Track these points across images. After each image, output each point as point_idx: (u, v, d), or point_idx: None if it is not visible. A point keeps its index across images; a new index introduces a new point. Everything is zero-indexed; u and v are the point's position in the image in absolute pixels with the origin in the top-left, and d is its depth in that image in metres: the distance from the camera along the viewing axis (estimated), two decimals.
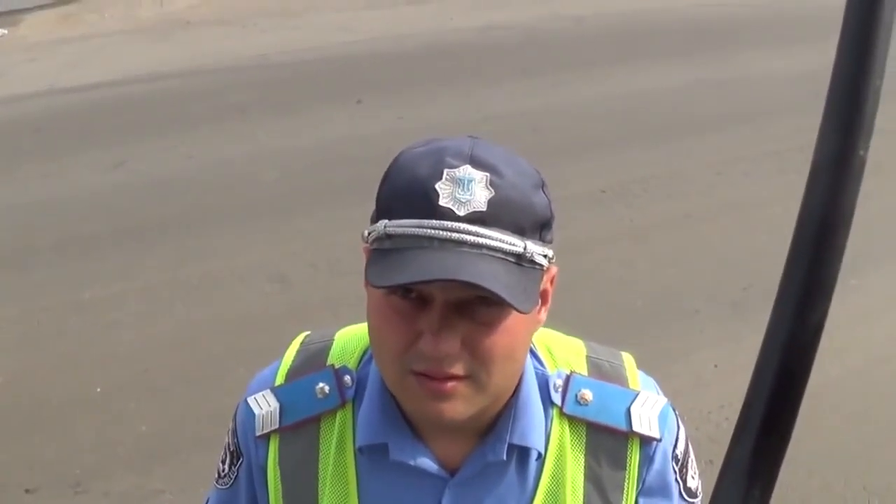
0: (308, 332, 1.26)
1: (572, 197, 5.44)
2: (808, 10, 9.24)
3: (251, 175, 6.01)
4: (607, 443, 1.15)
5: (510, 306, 0.91)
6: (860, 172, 0.84)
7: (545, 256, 0.99)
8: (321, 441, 1.15)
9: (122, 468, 3.46)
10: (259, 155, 6.31)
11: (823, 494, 3.36)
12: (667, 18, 9.69)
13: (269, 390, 1.18)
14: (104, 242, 5.15)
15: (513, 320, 0.96)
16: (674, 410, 1.20)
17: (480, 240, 0.92)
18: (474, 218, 0.92)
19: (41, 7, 10.72)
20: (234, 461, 1.22)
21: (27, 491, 3.35)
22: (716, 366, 4.03)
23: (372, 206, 1.01)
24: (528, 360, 1.13)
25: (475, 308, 0.94)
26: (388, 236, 0.95)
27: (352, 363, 1.17)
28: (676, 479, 1.20)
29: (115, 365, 4.07)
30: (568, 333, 1.26)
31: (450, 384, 0.96)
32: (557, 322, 1.24)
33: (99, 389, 3.89)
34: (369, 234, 0.99)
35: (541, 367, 1.16)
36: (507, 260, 0.93)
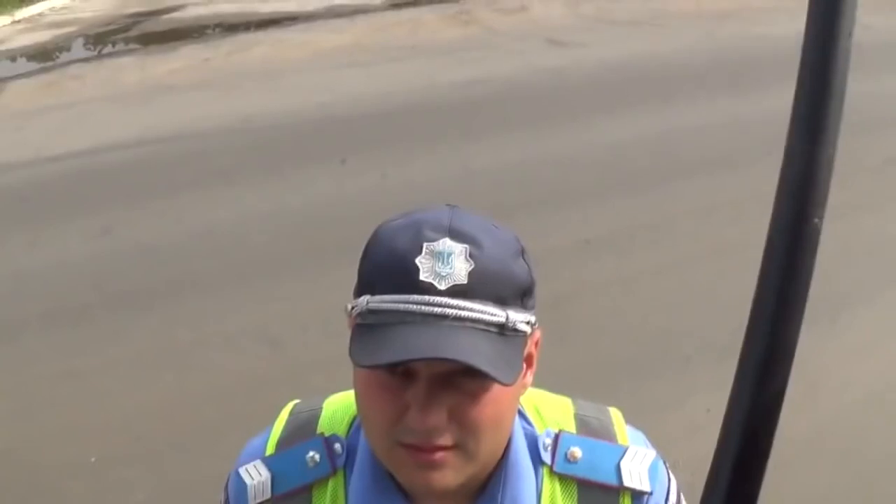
0: (297, 401, 1.27)
1: (558, 249, 5.45)
2: (780, 53, 9.31)
3: (238, 238, 6.02)
4: (598, 499, 1.16)
5: (494, 380, 0.93)
6: (815, 242, 0.86)
7: (528, 323, 1.01)
8: None
9: None
10: (246, 218, 6.32)
11: None
12: (640, 67, 9.75)
13: (259, 460, 1.19)
14: (93, 310, 5.14)
15: (498, 389, 0.98)
16: (664, 463, 1.21)
17: (462, 313, 0.94)
18: (455, 291, 0.94)
19: (23, 76, 10.79)
20: None
21: None
22: (709, 410, 4.02)
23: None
24: (517, 420, 1.14)
25: (460, 379, 0.96)
26: (371, 312, 0.97)
27: (341, 431, 1.18)
28: None
29: (108, 433, 4.04)
30: (559, 386, 1.28)
31: (438, 455, 0.98)
32: (548, 376, 1.25)
33: (94, 459, 3.87)
34: (352, 308, 1.01)
35: (529, 427, 1.17)
36: (489, 331, 0.95)
